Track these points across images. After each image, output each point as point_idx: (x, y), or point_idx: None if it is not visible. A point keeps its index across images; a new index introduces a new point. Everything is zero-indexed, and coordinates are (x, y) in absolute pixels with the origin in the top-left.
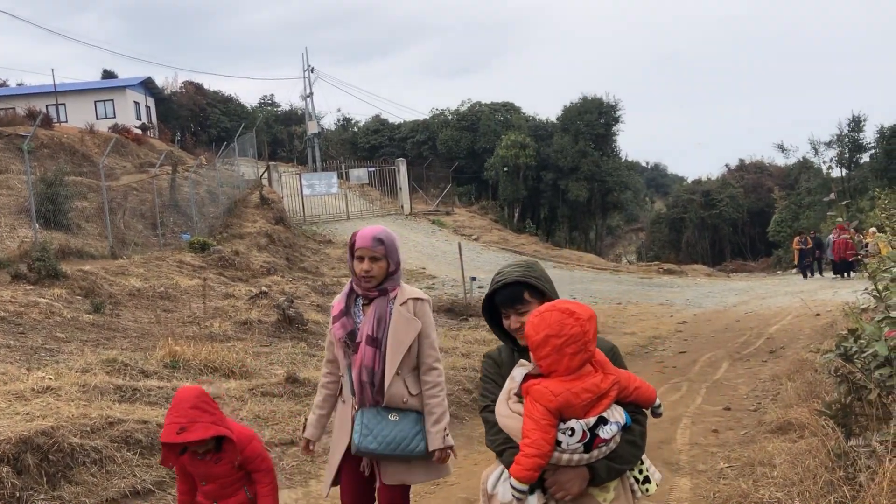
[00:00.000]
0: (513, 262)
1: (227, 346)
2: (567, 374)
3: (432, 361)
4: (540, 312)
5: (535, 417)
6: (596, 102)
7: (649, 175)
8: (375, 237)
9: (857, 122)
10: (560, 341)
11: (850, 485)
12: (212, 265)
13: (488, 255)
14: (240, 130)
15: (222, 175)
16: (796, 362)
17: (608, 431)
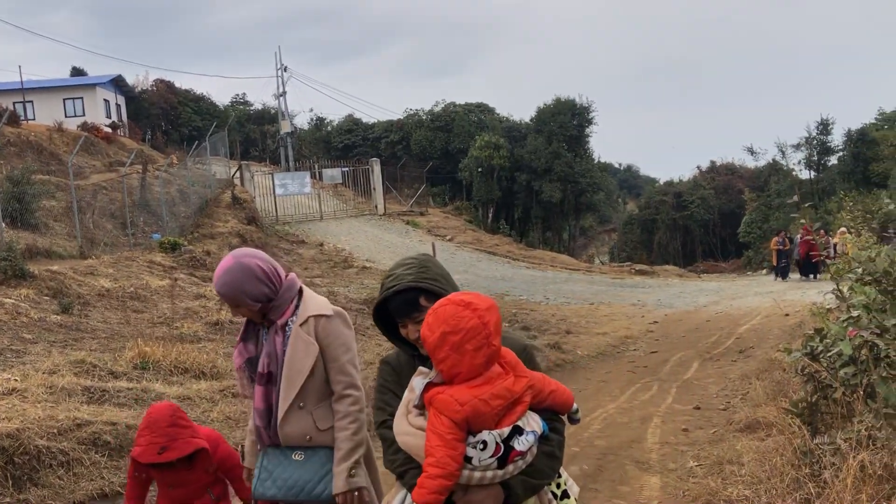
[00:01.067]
0: (405, 261)
1: (197, 346)
2: (472, 376)
3: (342, 388)
4: (434, 310)
5: (440, 432)
6: (569, 104)
7: (622, 176)
8: (219, 291)
9: (825, 126)
10: (458, 337)
11: (815, 482)
12: (183, 265)
13: (462, 255)
14: (211, 129)
15: (193, 174)
16: (765, 362)
17: (524, 442)
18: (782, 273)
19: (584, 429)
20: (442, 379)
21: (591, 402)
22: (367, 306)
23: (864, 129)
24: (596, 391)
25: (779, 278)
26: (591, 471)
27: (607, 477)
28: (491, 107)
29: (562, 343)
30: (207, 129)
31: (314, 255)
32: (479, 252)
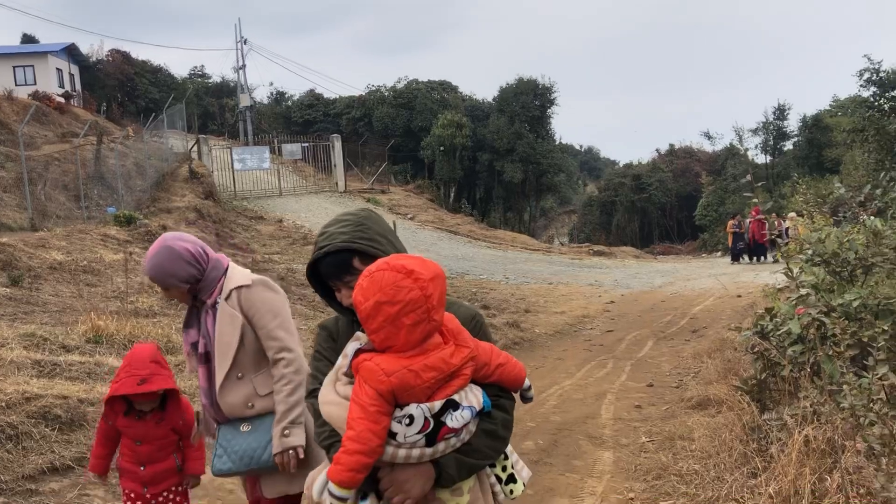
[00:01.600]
0: (342, 217)
1: (152, 321)
2: (407, 350)
3: (274, 353)
4: (370, 273)
5: (363, 402)
6: (531, 84)
7: (582, 158)
8: (148, 275)
9: (781, 111)
10: (395, 309)
11: (762, 456)
12: (138, 239)
13: (423, 234)
14: (169, 102)
15: (150, 147)
16: (717, 341)
17: (458, 419)
18: (738, 255)
19: (540, 405)
20: (373, 346)
21: (548, 379)
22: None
23: (819, 115)
24: (552, 368)
25: (735, 261)
26: (545, 445)
27: (562, 452)
28: (454, 85)
29: (520, 321)
30: (165, 102)
31: (273, 231)
32: (441, 231)
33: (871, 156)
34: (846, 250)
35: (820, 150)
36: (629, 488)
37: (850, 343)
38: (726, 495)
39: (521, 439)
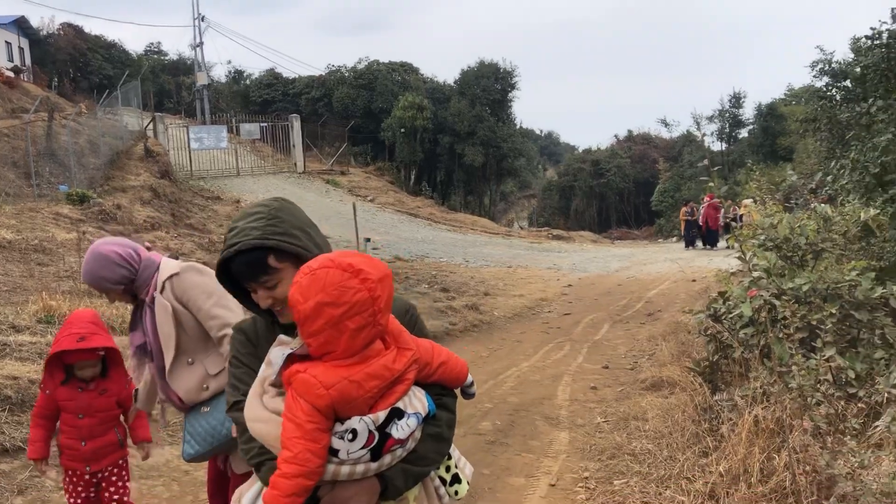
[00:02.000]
0: (253, 210)
1: (106, 301)
2: (347, 357)
3: (217, 331)
4: (312, 270)
5: (299, 420)
6: (493, 67)
7: (543, 143)
8: (85, 282)
9: (737, 99)
10: (339, 311)
11: (713, 436)
12: (91, 218)
13: (384, 216)
14: (123, 78)
15: (104, 125)
16: (671, 324)
17: (404, 428)
18: (691, 241)
19: (498, 386)
20: (307, 351)
21: (506, 361)
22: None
23: (774, 103)
24: (510, 350)
25: (689, 247)
26: (503, 426)
27: (518, 432)
28: (415, 66)
29: (479, 304)
30: (119, 78)
31: (230, 212)
32: (401, 214)
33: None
34: (797, 236)
35: (774, 138)
36: (584, 468)
37: (799, 326)
38: (678, 474)
39: (478, 420)
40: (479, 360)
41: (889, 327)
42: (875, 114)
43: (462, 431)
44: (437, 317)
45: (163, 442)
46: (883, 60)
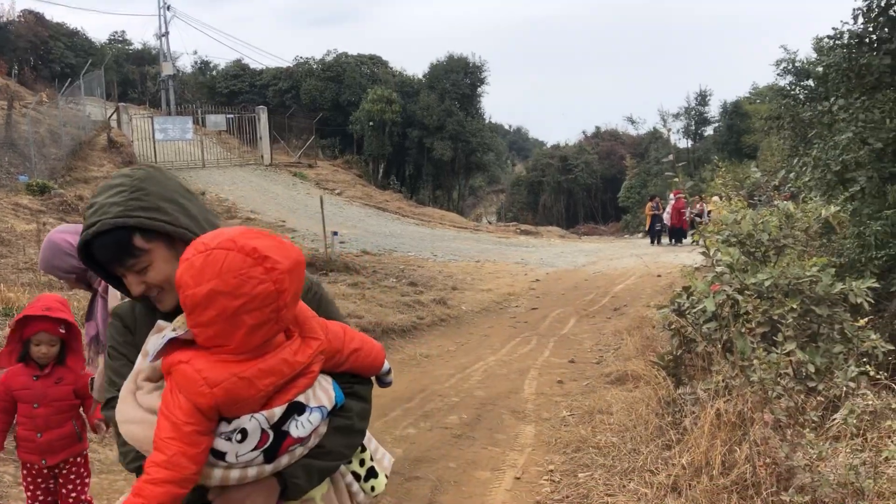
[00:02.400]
0: (113, 183)
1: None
2: (241, 353)
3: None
4: (208, 249)
5: (176, 419)
6: (462, 62)
7: (511, 138)
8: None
9: (703, 97)
10: (236, 304)
11: (676, 429)
12: (52, 209)
13: (351, 210)
14: (86, 67)
15: (66, 114)
16: (637, 319)
17: (305, 425)
18: (657, 237)
19: (465, 380)
20: (192, 337)
21: (473, 355)
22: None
23: (739, 101)
24: (478, 344)
25: (655, 243)
26: (469, 420)
27: (485, 426)
28: (384, 59)
29: (447, 299)
30: (82, 67)
31: None
32: (369, 207)
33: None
34: (760, 232)
35: (739, 136)
36: (549, 461)
37: (761, 321)
38: (641, 466)
39: (445, 414)
40: (446, 355)
41: (848, 322)
42: (836, 113)
43: (429, 425)
44: (404, 311)
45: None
46: (844, 60)
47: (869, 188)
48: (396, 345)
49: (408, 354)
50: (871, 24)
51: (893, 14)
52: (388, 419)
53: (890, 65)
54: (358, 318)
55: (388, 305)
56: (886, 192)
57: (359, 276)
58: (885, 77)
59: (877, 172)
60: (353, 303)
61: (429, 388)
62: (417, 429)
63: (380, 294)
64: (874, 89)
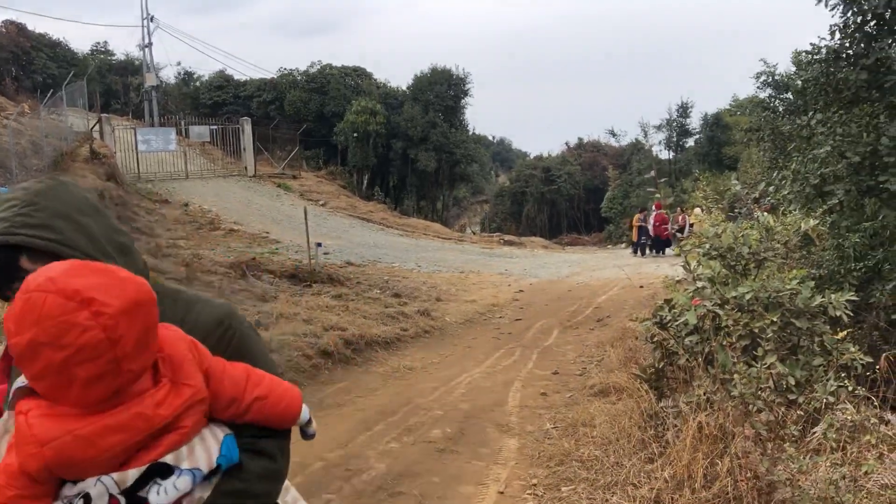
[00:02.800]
0: (10, 195)
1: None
2: (83, 407)
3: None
4: (28, 291)
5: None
6: (446, 74)
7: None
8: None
9: (684, 109)
10: (61, 356)
11: (658, 442)
12: None
13: (335, 220)
14: (69, 78)
15: (48, 125)
16: (620, 330)
17: (170, 491)
18: (641, 249)
19: (449, 393)
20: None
21: (457, 367)
22: (234, 270)
23: (719, 113)
24: (462, 356)
25: (637, 253)
26: (453, 433)
27: (469, 439)
28: (368, 71)
29: (431, 310)
30: (64, 78)
31: (178, 215)
32: (353, 218)
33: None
34: (741, 245)
35: (720, 148)
36: (532, 474)
37: (741, 334)
38: (624, 480)
39: (428, 428)
40: (430, 367)
41: (827, 335)
42: (815, 126)
43: (412, 439)
44: (388, 323)
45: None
46: (822, 75)
47: (847, 201)
48: (380, 357)
49: (391, 367)
50: (848, 39)
51: (869, 30)
52: (372, 433)
53: (866, 80)
54: (342, 330)
55: (371, 317)
56: (864, 205)
57: (342, 288)
58: (862, 92)
59: (854, 186)
60: (337, 315)
61: (412, 401)
62: (401, 443)
63: (363, 305)
64: (851, 104)
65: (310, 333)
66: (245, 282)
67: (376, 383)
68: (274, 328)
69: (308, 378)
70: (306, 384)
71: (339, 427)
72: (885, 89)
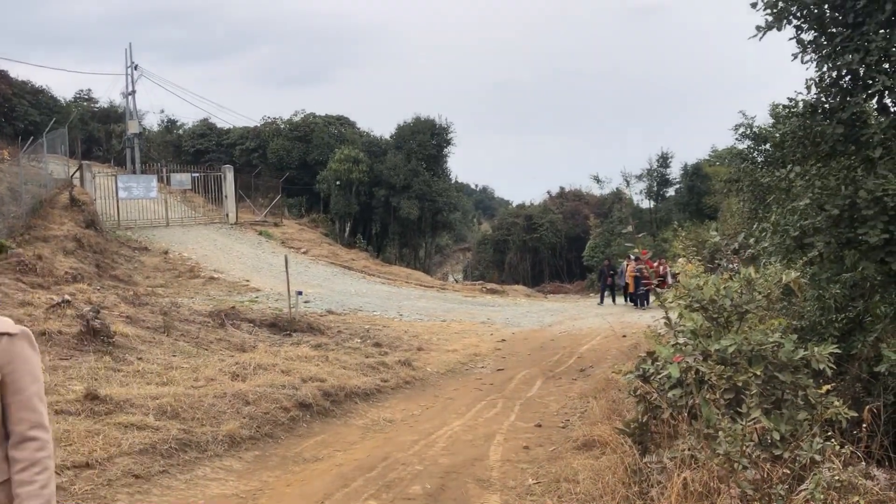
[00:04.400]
0: None
1: None
2: None
3: (27, 428)
4: None
5: None
6: (429, 123)
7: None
8: None
9: (664, 159)
10: None
11: (643, 499)
12: (8, 270)
13: (317, 269)
14: (50, 125)
15: (27, 172)
16: (603, 381)
17: None
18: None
19: (430, 447)
20: None
21: (438, 420)
22: (213, 319)
23: (699, 164)
24: (443, 408)
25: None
26: (433, 490)
27: (449, 496)
28: (352, 120)
29: (412, 360)
30: (46, 125)
31: (158, 262)
32: (335, 266)
33: (745, 205)
34: (722, 297)
35: (700, 197)
36: None
37: (725, 388)
38: None
39: (408, 483)
40: (410, 419)
41: (811, 389)
42: (793, 179)
43: (391, 496)
44: (368, 373)
45: None
46: (800, 129)
47: (827, 253)
48: (360, 409)
49: (371, 419)
50: (824, 93)
51: (844, 85)
52: (350, 490)
53: (843, 133)
54: (321, 381)
55: (351, 367)
56: (844, 257)
57: (322, 337)
58: (839, 145)
59: (834, 238)
60: (316, 365)
61: (391, 455)
62: (379, 500)
63: (343, 356)
64: (829, 157)
65: (288, 385)
66: (223, 331)
67: (355, 436)
68: (251, 379)
69: (285, 431)
70: (283, 437)
71: (316, 483)
72: (861, 143)
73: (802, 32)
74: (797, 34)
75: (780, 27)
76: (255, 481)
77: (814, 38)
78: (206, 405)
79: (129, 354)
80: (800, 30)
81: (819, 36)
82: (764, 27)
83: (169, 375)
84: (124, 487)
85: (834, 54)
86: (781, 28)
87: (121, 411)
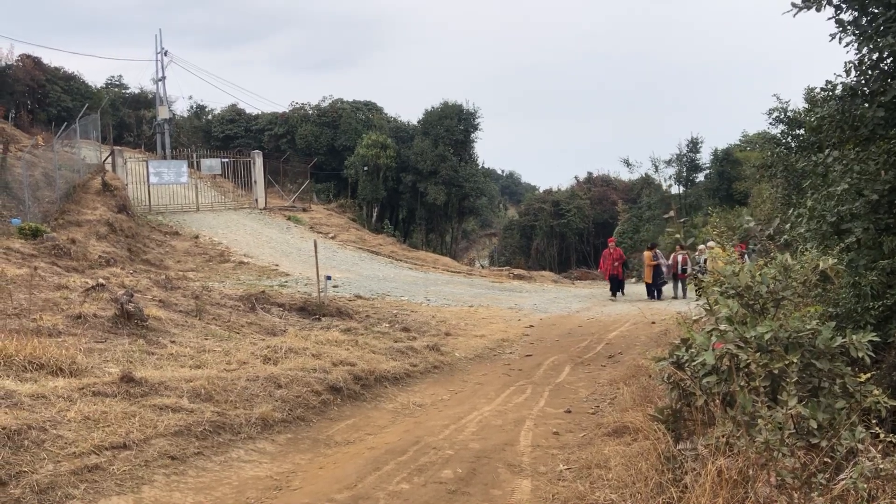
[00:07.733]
0: None
1: (56, 341)
2: None
3: None
4: None
5: None
6: (456, 108)
7: (504, 183)
8: None
9: (694, 144)
10: None
11: (677, 486)
12: (44, 253)
13: (344, 253)
14: (83, 111)
15: (61, 157)
16: (632, 368)
17: None
18: (657, 291)
19: (460, 431)
20: None
21: (468, 405)
22: (244, 303)
23: (729, 149)
24: (472, 393)
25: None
26: (464, 474)
27: (480, 480)
28: (379, 106)
29: (441, 345)
30: (78, 111)
31: (188, 247)
32: (362, 251)
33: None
34: (758, 284)
35: (730, 183)
36: None
37: (762, 375)
38: None
39: (439, 468)
40: (440, 404)
41: (849, 377)
42: (831, 164)
43: (422, 480)
44: (397, 358)
45: None
46: (838, 112)
47: (865, 239)
48: (389, 393)
49: (401, 403)
50: (864, 76)
51: (885, 67)
52: (382, 473)
53: (884, 117)
54: (351, 365)
55: (380, 352)
56: (882, 243)
57: (351, 322)
58: (879, 129)
59: (872, 224)
60: (346, 349)
61: (422, 439)
62: (411, 483)
63: (372, 340)
64: (868, 141)
65: (319, 368)
66: (254, 315)
67: (386, 420)
68: (283, 363)
69: (316, 414)
70: (315, 420)
71: (348, 466)
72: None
73: (842, 13)
74: (836, 14)
75: (820, 7)
76: (288, 464)
77: (854, 18)
78: (239, 388)
79: (162, 338)
80: (839, 9)
81: (859, 16)
82: (801, 5)
83: (202, 358)
84: (161, 468)
85: (875, 35)
86: (821, 8)
87: (156, 394)
